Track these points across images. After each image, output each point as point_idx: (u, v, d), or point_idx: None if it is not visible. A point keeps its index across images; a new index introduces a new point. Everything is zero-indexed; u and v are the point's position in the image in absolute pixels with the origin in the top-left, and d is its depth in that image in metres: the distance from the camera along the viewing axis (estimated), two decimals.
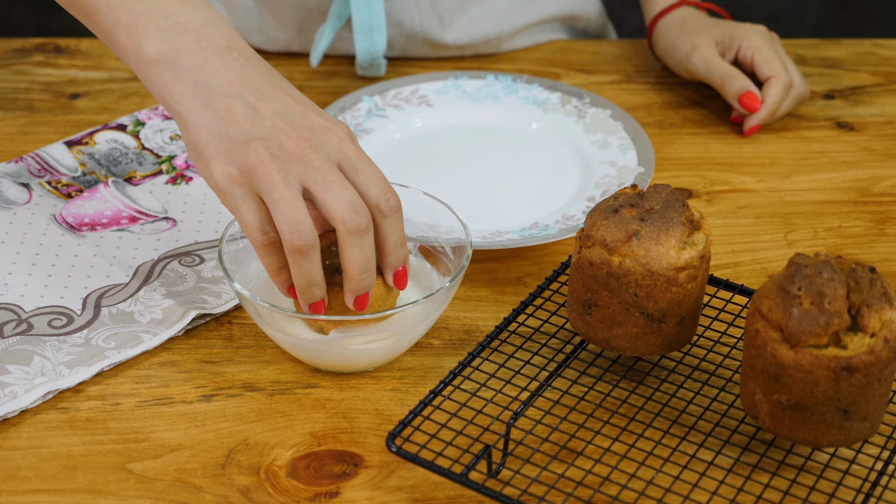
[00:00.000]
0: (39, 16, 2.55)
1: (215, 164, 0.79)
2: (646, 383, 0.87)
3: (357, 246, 0.79)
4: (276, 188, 0.78)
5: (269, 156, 0.78)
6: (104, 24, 0.84)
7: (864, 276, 0.75)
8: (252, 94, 0.80)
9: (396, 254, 0.82)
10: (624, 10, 2.17)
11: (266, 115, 0.79)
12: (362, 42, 1.21)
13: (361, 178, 0.80)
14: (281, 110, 0.80)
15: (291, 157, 0.78)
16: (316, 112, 0.81)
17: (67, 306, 0.92)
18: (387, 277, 0.84)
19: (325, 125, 0.80)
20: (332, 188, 0.78)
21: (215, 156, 0.79)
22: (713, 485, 0.78)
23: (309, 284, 0.80)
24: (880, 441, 0.82)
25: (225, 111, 0.80)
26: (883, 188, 1.11)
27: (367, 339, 0.85)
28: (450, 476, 0.75)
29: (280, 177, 0.78)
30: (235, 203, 0.79)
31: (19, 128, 1.16)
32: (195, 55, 0.81)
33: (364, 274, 0.80)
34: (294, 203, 0.78)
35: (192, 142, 0.80)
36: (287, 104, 0.81)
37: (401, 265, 0.83)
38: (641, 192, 0.83)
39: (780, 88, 1.16)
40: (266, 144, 0.78)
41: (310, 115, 0.81)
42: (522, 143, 1.14)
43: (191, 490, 0.79)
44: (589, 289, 0.83)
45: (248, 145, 0.78)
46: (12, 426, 0.84)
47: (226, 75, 0.81)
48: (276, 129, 0.79)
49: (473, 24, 1.28)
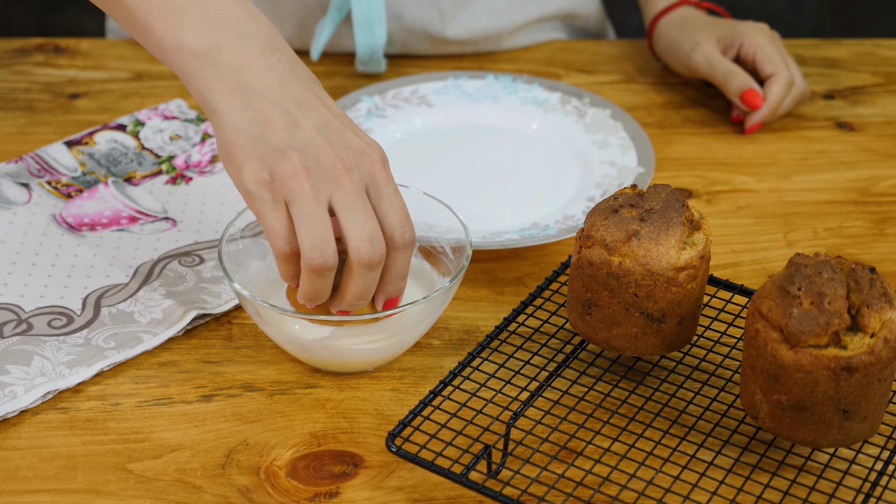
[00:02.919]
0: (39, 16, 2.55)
1: (248, 167, 0.78)
2: (646, 383, 0.87)
3: (363, 277, 0.79)
4: (307, 203, 0.77)
5: (305, 169, 0.77)
6: (138, 13, 0.81)
7: (864, 276, 0.75)
8: (292, 103, 0.79)
9: (395, 284, 0.82)
10: (624, 11, 2.17)
11: (305, 126, 0.78)
12: (362, 35, 1.21)
13: (384, 205, 0.79)
14: (320, 124, 0.79)
15: (326, 174, 0.77)
16: (352, 130, 0.80)
17: (67, 306, 0.92)
18: (377, 301, 0.83)
19: (361, 146, 0.79)
20: (357, 216, 0.78)
21: (249, 158, 0.78)
22: (713, 485, 0.78)
23: (315, 298, 0.80)
24: (880, 441, 0.82)
25: (264, 115, 0.78)
26: (883, 188, 1.11)
27: (367, 339, 0.85)
28: (450, 476, 0.75)
29: (312, 192, 0.77)
30: (263, 208, 0.78)
31: (19, 128, 1.16)
32: (238, 53, 0.80)
33: (359, 301, 0.81)
34: (322, 222, 0.77)
35: (227, 141, 0.79)
36: (326, 118, 0.79)
37: (395, 295, 0.83)
38: (641, 192, 0.83)
39: (781, 86, 1.16)
40: (303, 157, 0.77)
41: (346, 132, 0.80)
42: (522, 143, 1.14)
43: (191, 490, 0.79)
44: (589, 289, 0.83)
45: (285, 154, 0.77)
46: (12, 426, 0.84)
47: (267, 78, 0.79)
48: (314, 144, 0.78)
49: (474, 20, 1.28)
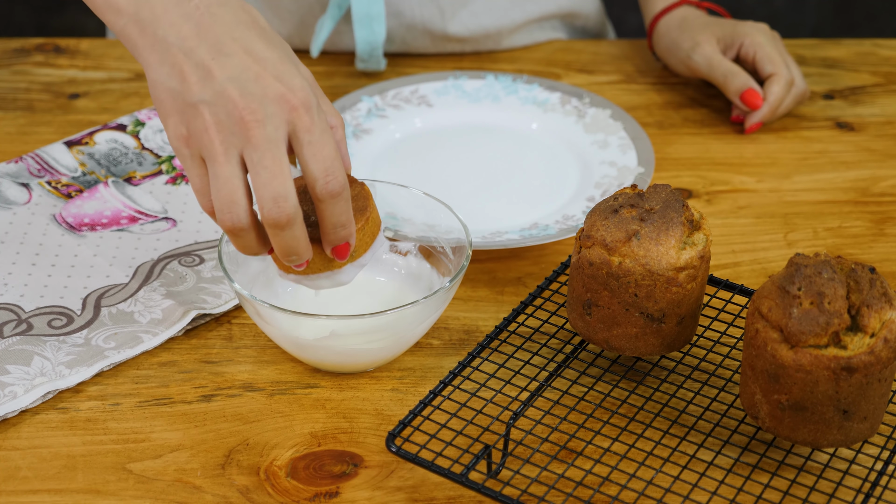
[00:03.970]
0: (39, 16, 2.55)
1: (170, 123, 0.76)
2: (646, 383, 0.87)
3: (277, 236, 0.76)
4: (217, 161, 0.75)
5: (215, 123, 0.75)
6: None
7: (864, 276, 0.75)
8: (208, 52, 0.76)
9: (336, 234, 0.78)
10: (624, 11, 2.17)
11: (218, 77, 0.75)
12: (362, 31, 1.21)
13: (305, 154, 0.76)
14: (234, 73, 0.75)
15: (235, 127, 0.74)
16: (274, 74, 0.76)
17: (67, 306, 0.92)
18: (325, 250, 0.79)
19: (280, 92, 0.75)
20: (262, 174, 0.74)
21: (170, 114, 0.76)
22: (713, 485, 0.78)
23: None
24: (880, 441, 0.82)
25: (179, 68, 0.76)
26: (883, 188, 1.11)
27: (366, 339, 0.85)
28: (450, 476, 0.75)
29: (222, 148, 0.74)
30: (185, 164, 0.77)
31: (19, 128, 1.16)
32: (158, 5, 0.78)
33: (291, 258, 0.78)
34: (230, 181, 0.75)
35: (154, 98, 0.77)
36: (243, 65, 0.76)
37: (341, 242, 0.79)
38: (641, 192, 0.83)
39: (781, 86, 1.16)
40: (213, 110, 0.75)
41: (265, 78, 0.75)
42: (522, 143, 1.14)
43: (191, 490, 0.79)
44: (589, 289, 0.83)
45: (197, 108, 0.75)
46: (12, 426, 0.84)
47: (183, 28, 0.77)
48: (224, 96, 0.75)
49: (474, 18, 1.28)
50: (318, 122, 0.76)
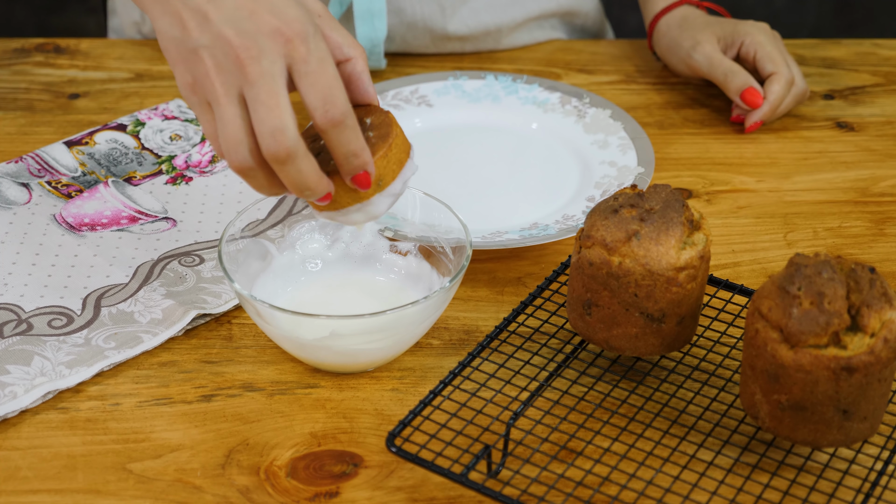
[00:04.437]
0: (39, 16, 2.55)
1: (177, 72, 0.77)
2: (646, 383, 0.87)
3: (283, 172, 0.76)
4: (219, 103, 0.75)
5: (215, 66, 0.75)
6: None
7: (864, 276, 0.75)
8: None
9: (350, 162, 0.78)
10: (624, 11, 2.16)
11: (214, 20, 0.76)
12: (363, 27, 1.21)
13: (303, 85, 0.75)
14: (229, 14, 0.76)
15: (232, 67, 0.75)
16: (269, 8, 0.75)
17: (67, 306, 0.92)
18: (345, 180, 0.79)
19: (274, 26, 0.75)
20: (259, 109, 0.75)
21: (176, 63, 0.77)
22: (713, 485, 0.78)
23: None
24: (880, 441, 0.82)
25: (178, 17, 0.77)
26: (883, 188, 1.11)
27: (367, 339, 0.85)
28: (450, 476, 0.75)
29: (223, 90, 0.75)
30: (195, 112, 0.78)
31: (19, 128, 1.16)
32: None
33: (305, 193, 0.77)
34: (232, 122, 0.75)
35: (162, 49, 0.78)
36: (237, 4, 0.76)
37: (358, 172, 0.78)
38: (641, 192, 0.83)
39: (782, 85, 1.16)
40: (211, 53, 0.75)
41: (259, 13, 0.75)
42: (522, 143, 1.14)
43: (191, 490, 0.79)
44: (589, 289, 0.83)
45: (197, 54, 0.76)
46: (12, 426, 0.84)
47: None
48: (221, 37, 0.75)
49: (474, 15, 1.28)
50: (314, 51, 0.76)
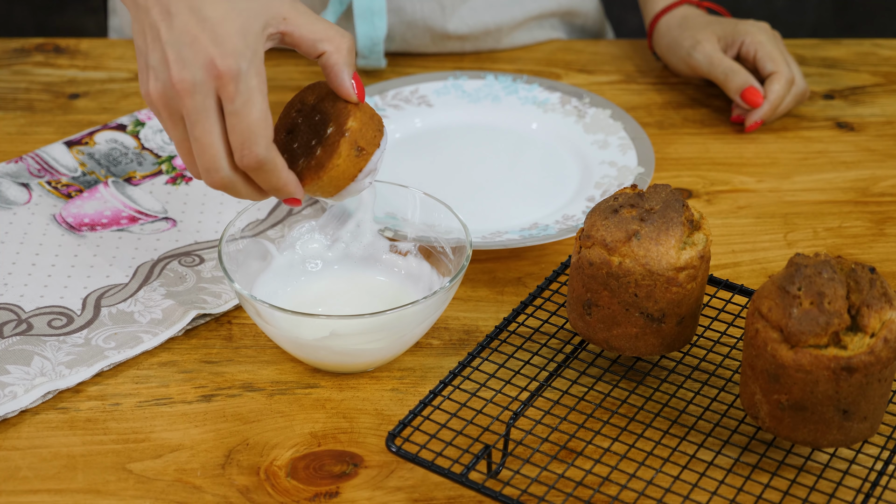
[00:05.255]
0: (39, 16, 2.55)
1: (140, 79, 0.79)
2: (646, 383, 0.87)
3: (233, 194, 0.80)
4: (166, 127, 0.78)
5: (161, 88, 0.77)
6: None
7: (864, 276, 0.75)
8: (159, 12, 0.77)
9: (276, 194, 0.80)
10: (623, 11, 2.16)
11: (163, 40, 0.76)
12: (363, 26, 1.21)
13: (228, 124, 0.77)
14: (174, 38, 0.76)
15: (173, 93, 0.76)
16: (211, 36, 0.75)
17: (67, 306, 0.92)
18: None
19: (209, 58, 0.75)
20: (195, 144, 0.77)
21: (141, 70, 0.79)
22: (713, 485, 0.78)
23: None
24: (880, 441, 0.82)
25: (140, 28, 0.78)
26: (883, 188, 1.11)
27: (367, 339, 0.85)
28: (450, 476, 0.75)
29: (167, 113, 0.78)
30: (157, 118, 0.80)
31: (19, 128, 1.16)
32: None
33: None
34: (180, 146, 0.78)
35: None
36: (184, 27, 0.75)
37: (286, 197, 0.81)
38: (641, 192, 0.83)
39: (782, 84, 1.16)
40: (157, 76, 0.77)
41: (201, 43, 0.75)
42: (522, 143, 1.14)
43: (191, 490, 0.79)
44: (589, 289, 0.83)
45: (149, 72, 0.77)
46: (12, 426, 0.84)
47: None
48: (164, 62, 0.76)
49: (474, 14, 1.28)
50: (242, 91, 0.76)
